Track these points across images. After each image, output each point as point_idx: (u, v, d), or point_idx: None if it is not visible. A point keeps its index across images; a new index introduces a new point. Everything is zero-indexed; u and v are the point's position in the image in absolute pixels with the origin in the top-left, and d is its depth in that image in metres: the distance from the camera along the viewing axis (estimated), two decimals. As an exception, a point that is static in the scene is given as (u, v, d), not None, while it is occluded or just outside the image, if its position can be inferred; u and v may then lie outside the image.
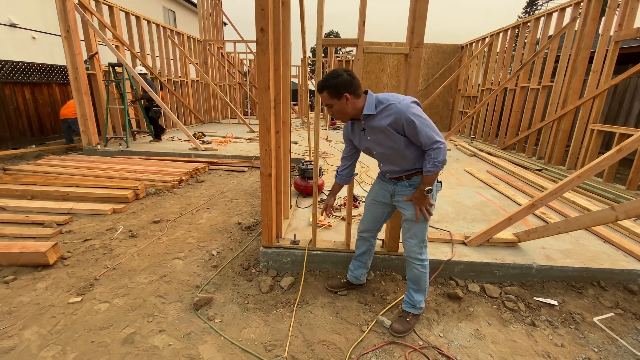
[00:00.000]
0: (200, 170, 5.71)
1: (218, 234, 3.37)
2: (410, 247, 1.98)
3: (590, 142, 5.34)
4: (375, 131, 1.79)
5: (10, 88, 6.94)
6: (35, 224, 3.42)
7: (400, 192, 1.94)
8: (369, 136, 1.84)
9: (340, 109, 1.76)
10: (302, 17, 3.39)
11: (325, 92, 1.74)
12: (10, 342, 1.89)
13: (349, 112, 1.78)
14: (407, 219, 1.94)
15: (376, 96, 1.75)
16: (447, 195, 4.21)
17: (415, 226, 1.93)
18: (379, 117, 1.73)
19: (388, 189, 2.00)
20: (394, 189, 1.97)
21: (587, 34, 5.58)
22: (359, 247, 2.30)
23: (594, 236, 3.08)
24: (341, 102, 1.74)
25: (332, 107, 1.76)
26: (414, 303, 2.06)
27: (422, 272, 1.99)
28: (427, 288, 2.07)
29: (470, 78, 9.88)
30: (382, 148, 1.82)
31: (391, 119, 1.69)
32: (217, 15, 12.47)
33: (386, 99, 1.72)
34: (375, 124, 1.76)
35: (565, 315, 2.22)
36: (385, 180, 2.04)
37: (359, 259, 2.33)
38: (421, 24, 2.08)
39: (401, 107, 1.66)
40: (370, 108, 1.73)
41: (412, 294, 2.07)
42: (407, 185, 1.90)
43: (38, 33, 9.02)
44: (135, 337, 1.95)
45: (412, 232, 1.95)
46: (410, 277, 2.06)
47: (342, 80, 1.70)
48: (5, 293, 2.33)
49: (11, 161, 6.23)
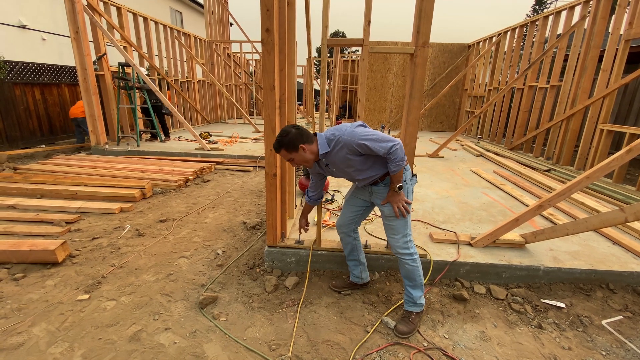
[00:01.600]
0: (207, 170, 5.75)
1: (223, 233, 3.39)
2: (395, 242, 2.03)
3: (600, 143, 5.26)
4: (336, 163, 1.92)
5: (21, 89, 7.06)
6: (45, 222, 3.48)
7: (377, 191, 2.03)
8: (334, 168, 1.97)
9: (302, 159, 1.88)
10: (307, 17, 3.39)
11: (282, 150, 1.85)
12: (20, 338, 1.92)
13: (309, 158, 1.89)
14: (387, 216, 2.01)
15: (325, 135, 1.90)
16: (453, 196, 4.18)
17: (396, 222, 1.99)
18: (335, 151, 1.86)
19: (367, 189, 2.09)
20: (371, 189, 2.06)
21: (597, 32, 5.50)
22: (345, 247, 2.37)
23: (603, 238, 3.03)
24: (299, 154, 1.85)
25: (294, 159, 1.88)
26: (413, 300, 2.07)
27: (413, 266, 2.03)
28: (422, 282, 2.08)
29: (477, 77, 9.79)
30: (350, 171, 1.94)
31: (345, 150, 1.82)
32: (224, 15, 12.54)
33: (333, 134, 1.86)
34: (333, 158, 1.89)
35: (573, 318, 2.19)
36: (360, 188, 2.15)
37: (351, 259, 2.38)
38: (427, 23, 2.07)
39: (348, 138, 1.80)
40: (324, 147, 1.87)
41: (409, 290, 2.08)
42: (382, 185, 1.99)
43: (48, 34, 9.17)
44: (141, 334, 1.97)
45: (395, 229, 2.01)
46: (403, 274, 2.09)
47: (292, 135, 1.82)
48: (14, 290, 2.37)
49: (21, 160, 6.34)
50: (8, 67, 6.75)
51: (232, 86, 12.99)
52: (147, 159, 6.30)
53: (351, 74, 13.79)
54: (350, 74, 13.79)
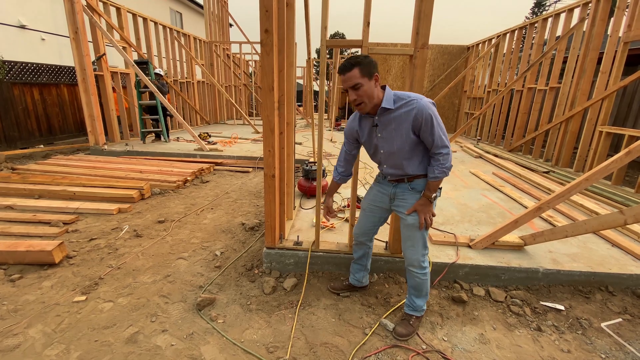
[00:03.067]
0: (205, 171, 5.74)
1: (222, 235, 3.38)
2: (412, 255, 1.92)
3: (599, 145, 5.26)
4: (389, 127, 1.70)
5: (20, 88, 7.05)
6: (42, 223, 3.46)
7: (401, 196, 1.87)
8: (381, 133, 1.75)
9: (369, 91, 1.62)
10: (307, 18, 3.39)
11: (355, 70, 1.58)
12: (15, 340, 1.91)
13: (375, 95, 1.65)
14: (408, 226, 1.86)
15: (393, 92, 1.70)
16: (453, 198, 4.17)
17: (417, 234, 1.86)
18: (397, 112, 1.66)
19: (387, 192, 1.93)
20: (394, 192, 1.90)
21: (596, 34, 5.51)
22: (357, 251, 2.29)
23: (602, 240, 3.03)
24: (370, 83, 1.62)
25: (360, 88, 1.60)
26: (415, 307, 2.05)
27: (424, 279, 1.96)
28: (428, 292, 2.04)
29: (476, 79, 9.80)
30: (391, 146, 1.74)
31: (411, 115, 1.62)
32: (223, 16, 12.55)
33: (406, 95, 1.67)
34: (391, 118, 1.68)
35: (572, 321, 2.19)
36: (384, 183, 1.97)
37: (358, 262, 2.32)
38: (426, 25, 2.06)
39: (422, 104, 1.61)
40: (389, 102, 1.66)
41: (413, 299, 2.04)
42: (408, 189, 1.84)
43: (47, 34, 9.16)
44: (138, 336, 1.96)
45: (414, 240, 1.88)
46: (411, 285, 2.02)
47: (371, 60, 1.62)
48: (11, 291, 2.35)
49: (20, 161, 6.32)
50: (7, 67, 6.73)
51: (231, 87, 12.99)
52: (146, 159, 6.28)
53: (351, 75, 13.77)
54: (350, 75, 13.78)
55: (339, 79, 11.19)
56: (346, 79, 1.62)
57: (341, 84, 1.66)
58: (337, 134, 10.26)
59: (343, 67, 1.61)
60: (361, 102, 1.64)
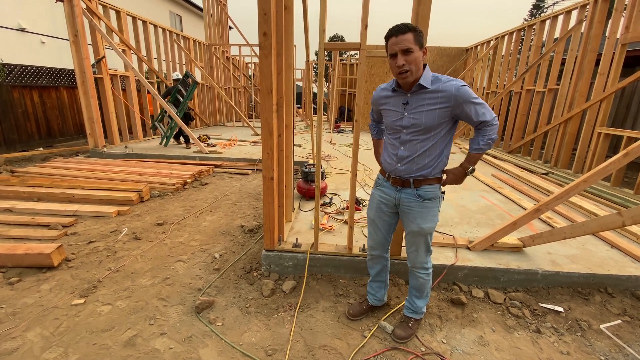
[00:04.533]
0: (205, 173, 5.74)
1: (221, 237, 3.38)
2: (416, 258, 1.90)
3: (597, 146, 5.27)
4: (420, 107, 1.63)
5: (19, 91, 7.06)
6: (41, 225, 3.46)
7: (407, 203, 1.78)
8: (409, 112, 1.66)
9: (418, 60, 1.56)
10: (305, 21, 3.41)
11: (410, 34, 1.51)
12: (14, 343, 1.90)
13: (420, 65, 1.58)
14: (412, 233, 1.82)
15: (432, 73, 1.65)
16: (451, 199, 4.17)
17: (421, 240, 1.83)
18: (432, 93, 1.60)
19: (392, 198, 1.83)
20: (399, 198, 1.80)
21: (594, 36, 5.53)
22: (373, 267, 2.14)
23: (601, 241, 3.03)
24: (420, 54, 1.56)
25: (411, 54, 1.53)
26: (415, 309, 2.03)
27: (427, 280, 1.94)
28: (429, 294, 2.04)
29: (475, 81, 9.83)
30: (417, 127, 1.65)
31: (445, 93, 1.57)
32: (223, 19, 12.58)
33: (444, 76, 1.63)
34: (425, 98, 1.62)
35: (571, 322, 2.18)
36: (386, 187, 1.87)
37: (377, 280, 2.17)
38: (424, 27, 2.07)
39: (460, 84, 1.58)
40: (427, 81, 1.60)
41: (414, 300, 2.02)
42: (414, 195, 1.75)
43: (47, 37, 9.17)
44: (136, 339, 1.95)
45: (418, 246, 1.86)
46: (413, 285, 2.00)
47: (422, 32, 1.58)
48: (9, 294, 2.35)
49: (19, 163, 6.32)
50: (7, 69, 6.74)
51: (231, 89, 13.01)
52: (145, 162, 6.28)
53: (350, 77, 13.82)
54: (349, 77, 13.82)
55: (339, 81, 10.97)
56: (399, 41, 1.52)
57: (389, 47, 1.57)
58: (337, 135, 10.27)
59: (397, 29, 1.53)
60: (408, 69, 1.55)
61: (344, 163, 6.21)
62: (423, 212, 1.76)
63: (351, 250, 2.60)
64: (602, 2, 5.39)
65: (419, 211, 1.76)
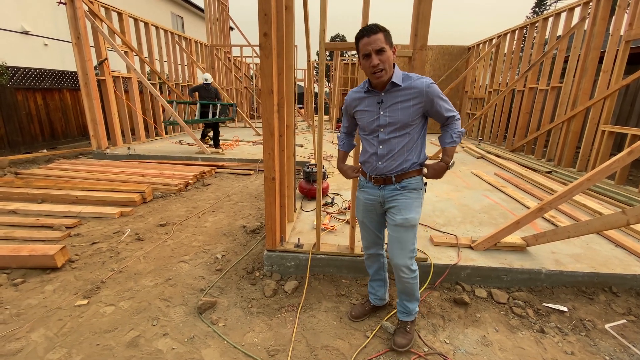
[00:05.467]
0: (207, 174, 5.75)
1: (223, 237, 3.38)
2: (400, 259, 1.81)
3: (601, 144, 5.23)
4: (394, 105, 1.67)
5: (23, 94, 7.11)
6: (45, 227, 3.48)
7: (390, 197, 1.79)
8: (385, 110, 1.69)
9: (390, 60, 1.60)
10: (306, 21, 3.40)
11: (381, 34, 1.55)
12: (18, 344, 1.91)
13: (391, 64, 1.62)
14: (397, 227, 1.78)
15: (402, 72, 1.70)
16: (454, 199, 4.16)
17: (405, 234, 1.78)
18: (405, 90, 1.65)
19: (376, 197, 1.84)
20: (383, 196, 1.81)
21: (597, 33, 5.49)
22: (370, 266, 2.14)
23: (605, 240, 3.00)
24: (391, 52, 1.60)
25: (384, 53, 1.57)
26: (409, 311, 1.98)
27: (413, 283, 1.88)
28: (419, 295, 1.98)
29: (477, 79, 9.79)
30: (393, 127, 1.69)
31: (417, 90, 1.63)
32: (224, 20, 12.61)
33: (413, 74, 1.69)
34: (398, 96, 1.66)
35: (576, 322, 2.17)
36: (368, 187, 1.87)
37: (377, 278, 2.17)
38: (424, 26, 2.06)
39: (430, 82, 1.65)
40: (399, 79, 1.65)
41: (405, 304, 1.97)
42: (397, 189, 1.77)
43: (50, 40, 9.23)
44: (139, 340, 1.96)
45: (402, 242, 1.79)
46: (401, 289, 1.93)
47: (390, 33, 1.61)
48: (14, 295, 2.36)
49: (23, 165, 6.36)
50: (10, 72, 6.79)
51: (232, 90, 13.03)
52: (148, 163, 6.31)
53: (351, 76, 13.81)
54: (351, 76, 13.81)
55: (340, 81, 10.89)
56: (372, 41, 1.56)
57: (362, 48, 1.59)
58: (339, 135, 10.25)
59: (369, 29, 1.56)
60: (383, 68, 1.59)
61: (346, 163, 6.18)
62: (407, 203, 1.76)
63: (353, 250, 2.60)
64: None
65: (403, 201, 1.76)
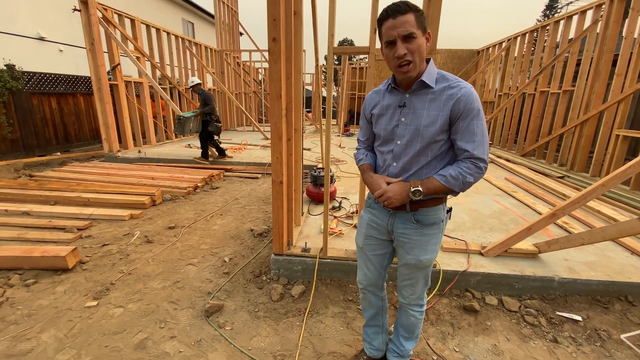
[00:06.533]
0: (215, 177, 5.80)
1: (231, 241, 3.40)
2: (410, 295, 1.53)
3: (616, 149, 5.11)
4: (419, 110, 1.30)
5: (38, 98, 7.29)
6: (57, 228, 3.54)
7: (402, 230, 1.41)
8: (406, 117, 1.32)
9: (422, 49, 1.22)
10: (314, 26, 3.42)
11: (411, 15, 1.17)
12: (28, 344, 1.94)
13: (423, 55, 1.25)
14: (408, 266, 1.45)
15: (438, 70, 1.33)
16: (463, 203, 4.10)
17: (420, 273, 1.46)
18: (436, 94, 1.27)
19: (383, 223, 1.47)
20: (392, 224, 1.44)
21: (610, 36, 5.39)
22: (367, 309, 1.73)
23: (620, 248, 2.92)
24: (423, 40, 1.22)
25: (414, 40, 1.19)
26: (402, 353, 1.67)
27: (420, 319, 1.60)
28: (419, 335, 1.69)
29: (486, 83, 9.70)
30: (412, 140, 1.31)
31: (453, 100, 1.24)
32: (234, 25, 12.78)
33: (453, 77, 1.30)
34: (426, 100, 1.29)
35: (590, 332, 2.10)
36: (377, 209, 1.49)
37: (373, 324, 1.75)
38: (434, 30, 2.05)
39: (472, 91, 1.26)
40: (431, 79, 1.28)
41: (402, 342, 1.67)
42: (410, 221, 1.38)
43: (65, 46, 9.47)
44: (147, 342, 1.97)
45: (414, 281, 1.49)
46: (403, 324, 1.63)
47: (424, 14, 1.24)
48: (26, 296, 2.40)
49: (37, 168, 6.51)
50: (26, 77, 6.98)
51: (241, 94, 13.17)
52: (158, 166, 6.39)
53: (359, 80, 13.83)
54: (359, 80, 13.83)
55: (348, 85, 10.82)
56: (398, 24, 1.17)
57: (384, 32, 1.22)
58: (346, 139, 10.26)
59: (395, 8, 1.18)
60: (411, 60, 1.21)
61: (353, 167, 6.18)
62: (422, 241, 1.40)
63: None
64: (618, 1, 5.26)
65: (416, 239, 1.40)
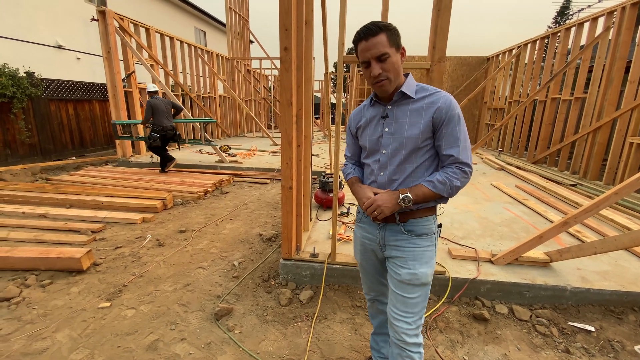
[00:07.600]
0: (225, 182, 5.88)
1: (240, 245, 3.43)
2: (404, 325, 1.32)
3: (629, 156, 5.02)
4: (401, 120, 1.32)
5: (56, 104, 7.54)
6: (72, 231, 3.64)
7: (393, 242, 1.36)
8: (389, 127, 1.34)
9: (395, 65, 1.26)
10: (324, 35, 3.48)
11: (383, 35, 1.21)
12: (43, 343, 2.00)
13: (400, 75, 1.30)
14: (401, 283, 1.32)
15: (417, 82, 1.37)
16: (473, 211, 4.07)
17: (416, 292, 1.32)
18: (417, 104, 1.31)
19: (375, 237, 1.42)
20: (383, 237, 1.39)
21: (622, 43, 5.34)
22: (374, 316, 1.72)
23: (634, 257, 2.86)
24: (397, 56, 1.26)
25: (387, 59, 1.24)
26: None
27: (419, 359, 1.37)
28: None
29: (497, 90, 9.64)
30: (397, 149, 1.33)
31: (434, 107, 1.27)
32: (245, 34, 13.02)
33: (431, 87, 1.35)
34: (407, 110, 1.32)
35: (603, 343, 2.06)
36: (366, 223, 1.46)
37: (381, 332, 1.72)
38: (443, 39, 2.08)
39: (450, 98, 1.29)
40: (411, 90, 1.31)
41: None
42: (401, 232, 1.34)
43: (82, 54, 9.78)
44: (158, 344, 2.01)
45: (408, 304, 1.32)
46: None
47: (397, 29, 1.27)
48: (41, 296, 2.47)
49: (53, 172, 6.69)
50: (45, 84, 7.23)
51: (251, 101, 13.37)
52: (170, 171, 6.50)
53: (368, 88, 13.87)
54: (367, 88, 13.88)
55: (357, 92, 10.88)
56: (370, 46, 1.23)
57: (360, 54, 1.28)
58: (355, 146, 10.26)
59: (367, 31, 1.22)
60: (386, 77, 1.27)
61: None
62: (416, 252, 1.33)
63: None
64: (630, 8, 5.21)
65: (410, 250, 1.33)
